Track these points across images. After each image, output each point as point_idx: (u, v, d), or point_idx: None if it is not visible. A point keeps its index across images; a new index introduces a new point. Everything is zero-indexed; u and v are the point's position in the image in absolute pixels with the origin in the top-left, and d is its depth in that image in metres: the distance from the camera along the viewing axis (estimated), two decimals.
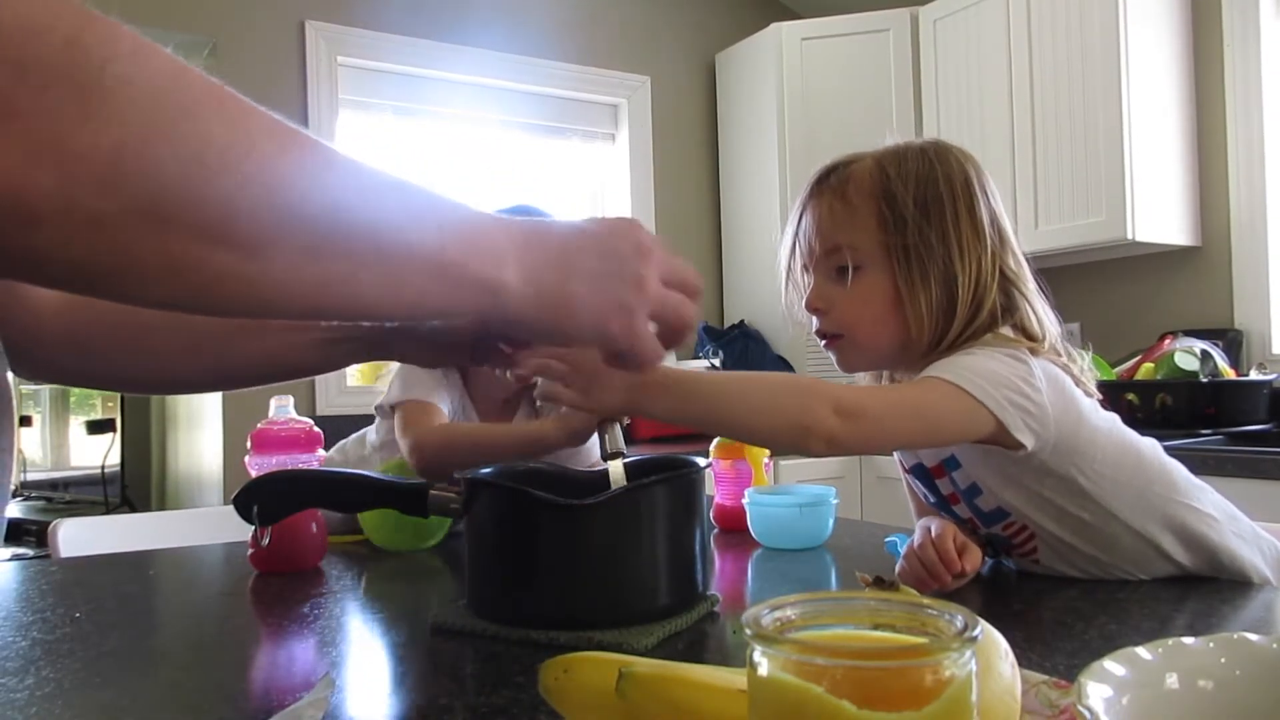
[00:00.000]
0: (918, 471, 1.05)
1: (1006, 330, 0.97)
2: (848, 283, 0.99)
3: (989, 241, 0.98)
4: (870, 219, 0.98)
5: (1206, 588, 0.94)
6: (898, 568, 0.96)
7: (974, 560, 0.93)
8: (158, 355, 0.79)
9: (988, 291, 0.97)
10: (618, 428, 1.04)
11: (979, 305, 0.96)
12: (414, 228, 0.53)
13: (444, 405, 1.28)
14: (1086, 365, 1.01)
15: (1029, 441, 0.90)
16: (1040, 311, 1.00)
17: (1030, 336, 0.97)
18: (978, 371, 0.90)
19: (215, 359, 0.81)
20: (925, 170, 0.99)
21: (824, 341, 1.03)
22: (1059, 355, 0.98)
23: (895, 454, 1.13)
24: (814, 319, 1.03)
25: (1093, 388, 0.99)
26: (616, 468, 0.92)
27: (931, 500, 1.07)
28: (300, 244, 0.47)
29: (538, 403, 1.36)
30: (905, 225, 0.97)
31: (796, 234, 1.05)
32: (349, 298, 0.51)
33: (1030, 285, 1.01)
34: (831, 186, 1.02)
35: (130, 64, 0.40)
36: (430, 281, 0.54)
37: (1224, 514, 1.00)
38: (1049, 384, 0.93)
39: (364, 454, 1.46)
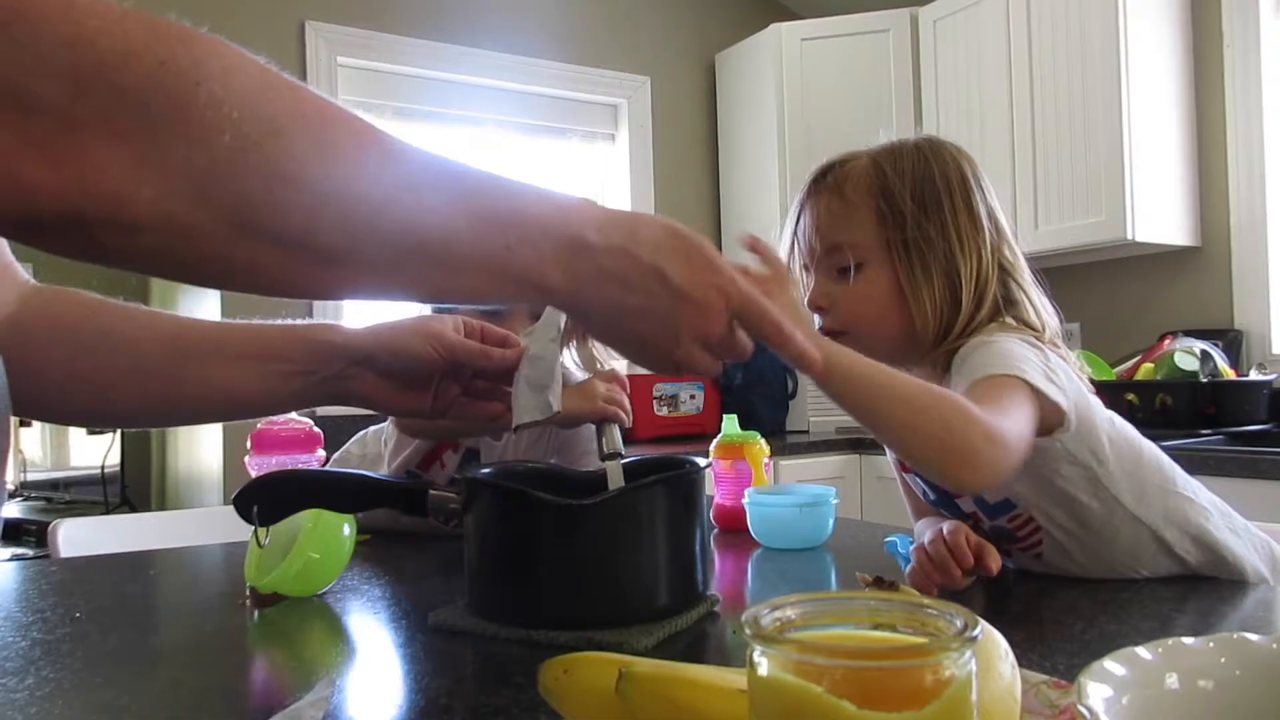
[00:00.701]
0: None
1: (1009, 320, 0.98)
2: (850, 280, 1.00)
3: (987, 233, 0.99)
4: (869, 216, 0.99)
5: (1206, 588, 0.94)
6: (908, 568, 0.96)
7: (995, 560, 0.90)
8: (96, 381, 0.76)
9: (989, 283, 0.98)
10: (615, 429, 1.04)
11: (981, 297, 0.97)
12: (483, 237, 0.56)
13: None
14: (1076, 360, 1.02)
15: (1072, 415, 0.91)
16: (1038, 302, 1.01)
17: (1031, 328, 0.98)
18: (1021, 358, 0.89)
19: (158, 386, 0.78)
20: (921, 166, 1.00)
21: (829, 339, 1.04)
22: (1056, 347, 0.99)
23: (889, 453, 1.12)
24: (817, 317, 1.04)
25: (1087, 382, 1.00)
26: (615, 468, 0.92)
27: (932, 498, 1.07)
28: (374, 257, 0.52)
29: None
30: (904, 220, 0.97)
31: (795, 234, 1.05)
32: (410, 291, 0.57)
33: (1027, 276, 1.02)
34: (828, 186, 1.02)
35: (220, 84, 0.44)
36: (488, 281, 0.57)
37: (1218, 509, 1.01)
38: (1060, 367, 0.94)
39: (380, 451, 1.46)
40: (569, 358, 1.31)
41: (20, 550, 4.03)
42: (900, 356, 1.05)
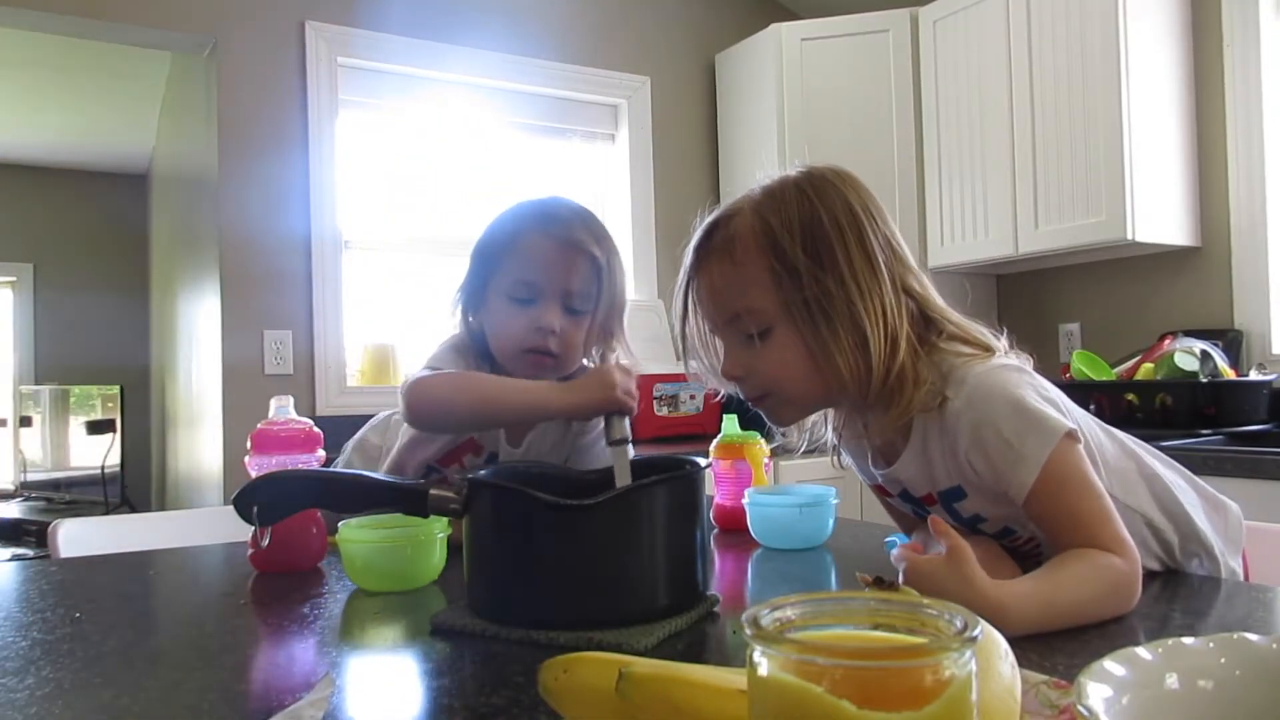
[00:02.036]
0: (905, 497, 1.05)
1: (959, 346, 0.96)
2: (758, 345, 0.96)
3: (884, 270, 0.95)
4: (764, 277, 0.95)
5: (1206, 588, 0.94)
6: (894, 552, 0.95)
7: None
8: None
9: (898, 321, 0.94)
10: (625, 419, 1.04)
11: (894, 338, 0.93)
12: None
13: None
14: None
15: (1079, 433, 0.91)
16: (961, 320, 0.99)
17: (977, 345, 0.96)
18: (1032, 409, 0.89)
19: None
20: (806, 210, 0.95)
21: (751, 403, 1.02)
22: (1016, 355, 0.98)
23: (865, 479, 1.12)
24: (734, 385, 1.01)
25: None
26: (621, 454, 0.92)
27: (922, 515, 1.06)
28: None
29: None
30: (800, 278, 0.93)
31: (688, 302, 1.02)
32: None
33: (939, 299, 0.99)
34: (716, 249, 0.98)
35: None
36: None
37: (1184, 477, 1.04)
38: (1043, 381, 0.94)
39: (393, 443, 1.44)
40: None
41: (20, 550, 4.04)
42: (826, 405, 1.04)
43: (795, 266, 0.93)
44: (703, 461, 0.89)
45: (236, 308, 2.76)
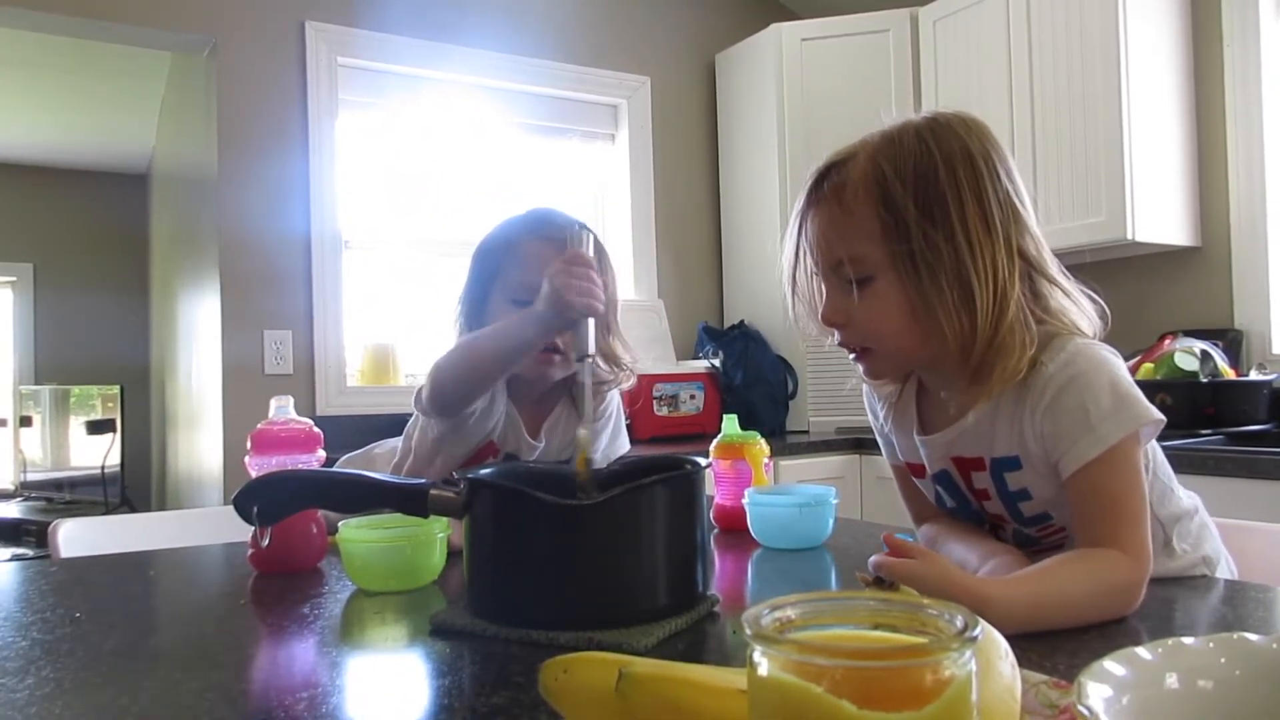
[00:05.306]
0: (941, 477, 1.03)
1: (1058, 320, 0.93)
2: (860, 295, 0.93)
3: (999, 229, 0.91)
4: (872, 226, 0.92)
5: (1206, 588, 0.94)
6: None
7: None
8: None
9: (1009, 283, 0.90)
10: (586, 325, 1.05)
11: (1003, 300, 0.90)
12: None
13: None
14: None
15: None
16: (1075, 293, 0.96)
17: (1081, 331, 0.95)
18: (1127, 389, 0.88)
19: None
20: (924, 160, 0.91)
21: (851, 355, 0.99)
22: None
23: (901, 456, 1.10)
24: (834, 333, 0.98)
25: None
26: (585, 373, 1.01)
27: (950, 504, 1.05)
28: None
29: (574, 399, 1.37)
30: (909, 231, 0.90)
31: (799, 243, 1.00)
32: None
33: (1054, 266, 0.96)
34: (827, 194, 0.96)
35: None
36: None
37: (1201, 508, 1.03)
38: None
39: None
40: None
41: (20, 550, 4.04)
42: (925, 364, 1.01)
43: (905, 219, 0.90)
44: (703, 461, 0.89)
45: (236, 308, 2.76)
